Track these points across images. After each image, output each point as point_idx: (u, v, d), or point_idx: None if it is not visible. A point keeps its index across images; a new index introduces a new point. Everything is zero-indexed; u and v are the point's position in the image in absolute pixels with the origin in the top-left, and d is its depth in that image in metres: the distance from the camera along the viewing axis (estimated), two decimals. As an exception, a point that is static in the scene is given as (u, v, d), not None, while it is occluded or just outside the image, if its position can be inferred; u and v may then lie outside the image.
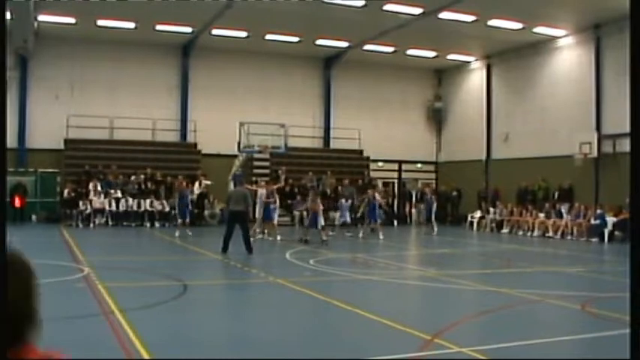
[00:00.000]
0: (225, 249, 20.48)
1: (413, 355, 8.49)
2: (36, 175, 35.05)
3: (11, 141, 35.50)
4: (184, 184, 29.68)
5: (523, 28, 33.61)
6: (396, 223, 38.35)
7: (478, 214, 36.29)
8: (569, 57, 35.08)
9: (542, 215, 32.07)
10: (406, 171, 44.41)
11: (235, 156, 35.85)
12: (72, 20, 33.65)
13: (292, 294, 13.58)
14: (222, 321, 11.16)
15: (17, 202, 32.82)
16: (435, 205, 33.50)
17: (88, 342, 8.99)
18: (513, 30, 33.87)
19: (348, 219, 30.77)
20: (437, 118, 44.91)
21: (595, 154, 31.91)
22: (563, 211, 31.06)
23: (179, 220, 28.66)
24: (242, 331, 10.20)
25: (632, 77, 3.86)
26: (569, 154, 32.62)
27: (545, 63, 36.48)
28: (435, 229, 31.88)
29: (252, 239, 23.45)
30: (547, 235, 30.85)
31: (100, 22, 34.07)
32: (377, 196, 30.39)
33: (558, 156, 33.79)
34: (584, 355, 9.09)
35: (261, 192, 27.46)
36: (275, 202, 27.67)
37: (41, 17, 32.86)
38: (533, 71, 37.34)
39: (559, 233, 30.26)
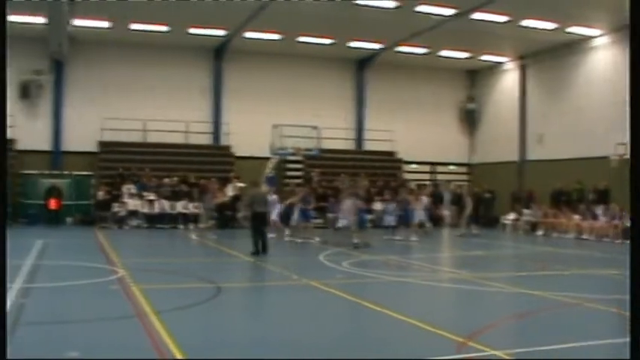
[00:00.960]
0: (257, 252, 20.67)
1: (447, 357, 8.43)
2: (71, 177, 35.37)
3: (46, 144, 36.05)
4: (210, 186, 29.83)
5: (557, 28, 33.36)
6: (429, 225, 38.15)
7: (512, 215, 36.03)
8: (604, 57, 34.72)
9: (577, 217, 31.78)
10: (439, 173, 44.25)
11: (268, 158, 35.96)
12: (106, 24, 33.98)
13: (325, 296, 13.55)
14: (255, 323, 11.15)
15: (52, 205, 33.17)
16: (470, 207, 32.85)
17: (122, 344, 9.04)
18: (547, 30, 33.63)
19: (423, 218, 30.58)
20: (470, 120, 44.70)
21: (631, 154, 31.54)
22: (598, 212, 30.73)
23: (202, 224, 28.89)
24: (274, 333, 10.19)
25: (632, 77, 3.77)
26: (604, 155, 32.28)
27: (580, 63, 36.13)
28: (464, 230, 32.03)
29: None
30: (582, 237, 30.54)
31: (134, 26, 34.36)
32: (424, 198, 30.32)
33: (594, 157, 33.47)
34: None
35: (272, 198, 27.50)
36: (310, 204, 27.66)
37: (76, 22, 33.15)
38: (568, 71, 37.01)
39: (594, 235, 29.96)
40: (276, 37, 36.36)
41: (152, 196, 34.15)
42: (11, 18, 31.67)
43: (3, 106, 3.15)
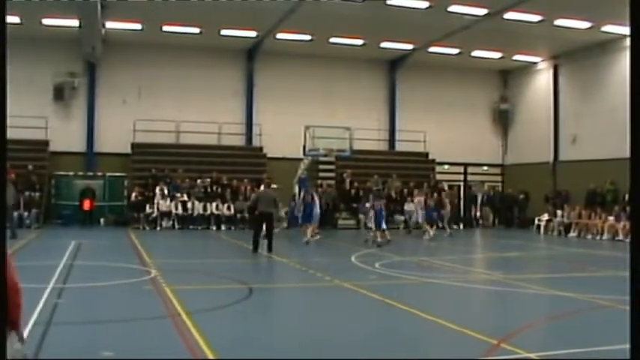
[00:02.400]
0: (256, 248, 21.67)
1: (478, 359, 8.38)
2: (104, 179, 35.66)
3: (80, 146, 36.39)
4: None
5: (591, 27, 33.04)
6: (462, 226, 38.05)
7: (545, 217, 35.74)
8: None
9: (611, 218, 31.43)
10: (472, 174, 44.00)
11: (301, 159, 35.96)
12: (138, 26, 34.24)
13: (357, 297, 13.52)
14: (287, 324, 11.16)
15: (86, 205, 33.43)
16: (448, 209, 33.35)
17: (155, 344, 9.09)
18: (581, 29, 33.31)
19: (420, 219, 30.88)
20: (503, 120, 44.39)
21: (667, 155, 31.14)
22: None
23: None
24: (308, 334, 10.20)
25: (632, 78, 3.70)
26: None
27: (615, 62, 35.66)
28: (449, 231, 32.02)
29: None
30: (617, 238, 30.20)
31: (166, 28, 34.59)
32: (417, 199, 30.44)
33: (628, 158, 33.08)
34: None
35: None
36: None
37: (108, 24, 33.43)
38: (602, 71, 36.63)
39: (629, 237, 29.53)
40: (307, 38, 36.42)
41: (184, 198, 34.29)
42: (45, 21, 32.05)
43: (3, 106, 3.15)
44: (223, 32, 35.56)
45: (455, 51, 38.87)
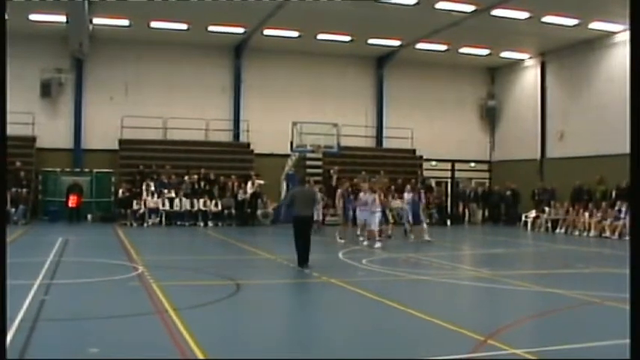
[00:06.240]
0: (304, 260, 17.31)
1: (465, 356, 8.38)
2: (91, 175, 35.54)
3: (67, 142, 36.28)
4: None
5: (578, 24, 33.13)
6: (449, 223, 38.08)
7: (533, 213, 35.79)
8: (626, 52, 34.37)
9: (598, 215, 31.46)
10: (459, 170, 44.08)
11: (288, 156, 35.98)
12: (125, 22, 34.13)
13: (345, 294, 13.51)
14: (275, 320, 11.13)
15: (71, 202, 33.27)
16: (420, 205, 27.19)
17: (142, 341, 9.05)
18: (568, 26, 33.39)
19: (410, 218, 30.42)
20: (490, 117, 44.50)
21: (654, 151, 31.13)
22: (622, 210, 30.29)
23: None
24: (295, 330, 10.20)
25: (632, 78, 3.71)
26: (626, 153, 31.81)
27: (602, 59, 35.83)
28: (412, 235, 27.40)
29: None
30: (604, 235, 30.24)
31: (153, 24, 34.49)
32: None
33: (616, 154, 33.10)
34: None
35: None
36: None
37: (96, 20, 33.31)
38: (590, 68, 36.74)
39: (617, 233, 29.64)
40: (295, 34, 36.37)
41: (172, 194, 34.20)
42: (32, 17, 31.89)
43: (3, 105, 3.12)
44: (211, 28, 35.48)
45: (442, 48, 38.91)
